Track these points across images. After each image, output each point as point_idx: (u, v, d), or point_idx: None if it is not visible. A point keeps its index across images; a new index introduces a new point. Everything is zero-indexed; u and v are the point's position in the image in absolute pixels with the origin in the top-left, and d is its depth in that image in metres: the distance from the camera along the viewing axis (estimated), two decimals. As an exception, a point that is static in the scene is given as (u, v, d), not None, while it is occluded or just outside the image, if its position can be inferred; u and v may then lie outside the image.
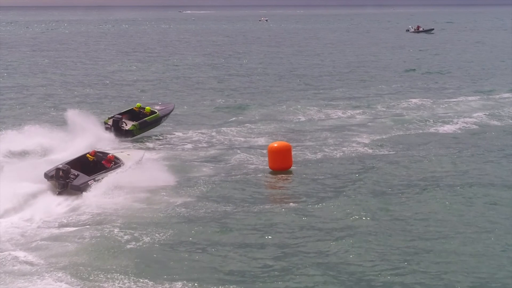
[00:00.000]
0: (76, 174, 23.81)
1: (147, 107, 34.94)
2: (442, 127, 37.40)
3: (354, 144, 33.06)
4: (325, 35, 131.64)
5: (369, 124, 38.48)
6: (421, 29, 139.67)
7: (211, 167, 28.72)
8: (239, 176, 27.60)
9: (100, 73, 62.62)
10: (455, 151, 31.45)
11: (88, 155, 25.39)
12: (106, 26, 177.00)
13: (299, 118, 40.28)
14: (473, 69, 67.20)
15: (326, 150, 31.92)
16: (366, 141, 33.87)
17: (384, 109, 43.26)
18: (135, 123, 33.64)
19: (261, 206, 23.36)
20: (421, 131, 36.64)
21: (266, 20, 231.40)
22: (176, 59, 78.56)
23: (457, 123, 38.51)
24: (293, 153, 28.92)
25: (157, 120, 34.76)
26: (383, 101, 46.50)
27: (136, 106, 35.33)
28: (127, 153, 27.14)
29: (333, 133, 35.88)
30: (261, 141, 33.94)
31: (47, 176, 23.76)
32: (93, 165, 24.99)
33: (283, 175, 27.69)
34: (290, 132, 36.47)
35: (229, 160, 30.00)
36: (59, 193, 23.27)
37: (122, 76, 60.58)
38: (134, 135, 33.51)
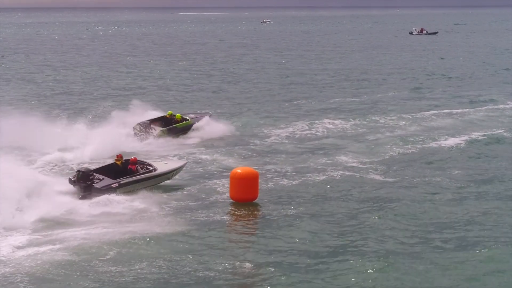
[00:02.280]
0: (101, 178, 23.60)
1: (177, 114, 35.44)
2: (440, 142, 32.83)
3: (339, 168, 28.28)
4: (322, 38, 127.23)
5: (361, 142, 33.62)
6: (425, 31, 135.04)
7: (162, 195, 24.35)
8: (195, 205, 23.37)
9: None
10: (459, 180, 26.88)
11: (116, 159, 25.10)
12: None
13: (278, 134, 35.49)
14: (476, 76, 62.33)
15: (307, 175, 27.17)
16: (355, 163, 29.17)
17: (380, 123, 38.37)
18: (164, 129, 34.09)
19: (212, 255, 18.87)
20: (420, 150, 31.89)
21: (268, 21, 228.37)
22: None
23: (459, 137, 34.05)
24: (262, 180, 24.68)
25: (187, 127, 35.12)
26: (379, 113, 41.48)
27: (167, 113, 35.67)
28: (165, 161, 26.68)
29: (316, 153, 31.12)
30: (228, 162, 29.29)
31: (71, 181, 23.60)
32: (121, 170, 24.64)
33: (246, 208, 23.14)
34: (264, 153, 31.54)
35: (187, 186, 25.42)
36: (82, 197, 22.94)
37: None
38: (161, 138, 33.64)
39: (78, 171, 23.62)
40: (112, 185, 23.45)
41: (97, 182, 23.43)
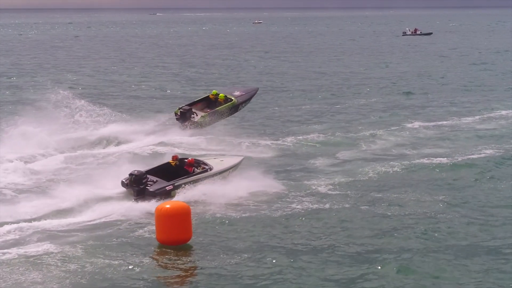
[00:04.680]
0: (154, 180, 22.64)
1: (221, 95, 33.20)
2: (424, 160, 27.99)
3: (303, 195, 23.31)
4: (309, 40, 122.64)
5: (332, 159, 28.68)
6: (418, 32, 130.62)
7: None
8: (116, 245, 18.64)
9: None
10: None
11: (170, 160, 24.02)
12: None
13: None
14: (470, 82, 57.46)
15: (261, 205, 22.19)
16: (324, 188, 24.18)
17: (358, 139, 33.17)
18: (204, 114, 32.11)
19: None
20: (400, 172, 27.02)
21: (260, 22, 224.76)
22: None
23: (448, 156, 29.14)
24: (195, 217, 19.93)
25: (232, 108, 33.04)
26: (357, 126, 36.14)
27: (212, 93, 33.64)
28: (221, 159, 25.28)
29: (279, 174, 26.16)
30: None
31: (123, 183, 22.66)
32: (176, 171, 23.58)
33: (177, 252, 18.37)
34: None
35: (111, 228, 20.52)
36: (135, 200, 22.01)
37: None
38: (203, 127, 31.89)
39: (131, 174, 22.50)
40: (167, 188, 22.40)
41: (151, 185, 22.39)
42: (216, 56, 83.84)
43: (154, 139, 30.83)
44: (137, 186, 22.28)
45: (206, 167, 23.88)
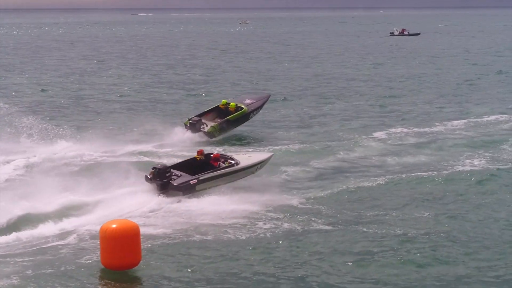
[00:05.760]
0: (178, 175, 22.21)
1: (231, 104, 32.83)
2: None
3: (276, 214, 21.06)
4: (296, 39, 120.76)
5: (310, 173, 26.12)
6: (406, 32, 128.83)
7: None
8: (56, 271, 16.51)
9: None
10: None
11: (196, 155, 23.50)
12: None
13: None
14: (456, 84, 55.58)
15: (226, 227, 19.94)
16: (296, 201, 22.07)
17: (336, 146, 30.95)
18: (215, 124, 31.58)
19: None
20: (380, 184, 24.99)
21: (247, 22, 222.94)
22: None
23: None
24: (146, 238, 17.92)
25: (243, 117, 32.65)
26: (337, 133, 33.84)
27: (221, 103, 33.20)
28: (249, 154, 24.77)
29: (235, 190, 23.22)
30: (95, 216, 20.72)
31: (147, 178, 22.20)
32: (201, 165, 22.99)
33: (123, 278, 16.29)
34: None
35: (50, 252, 18.31)
36: (159, 195, 21.60)
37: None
38: (214, 137, 31.35)
39: (154, 168, 22.10)
40: (191, 182, 21.91)
41: (175, 179, 21.92)
42: (189, 57, 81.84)
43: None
44: (160, 180, 21.77)
45: (233, 161, 23.26)
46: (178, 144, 29.94)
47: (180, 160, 24.18)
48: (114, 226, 16.74)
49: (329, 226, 19.75)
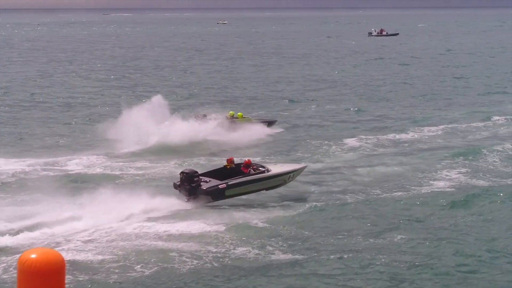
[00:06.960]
0: (207, 180, 21.84)
1: (239, 113, 33.34)
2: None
3: (230, 237, 18.95)
4: (270, 41, 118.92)
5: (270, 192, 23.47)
6: (384, 32, 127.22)
7: None
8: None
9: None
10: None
11: (226, 164, 22.97)
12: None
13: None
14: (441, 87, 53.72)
15: (180, 252, 17.87)
16: (256, 220, 20.01)
17: (302, 156, 29.02)
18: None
19: None
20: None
21: (225, 22, 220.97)
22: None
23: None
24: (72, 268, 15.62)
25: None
26: (305, 139, 31.78)
27: (229, 114, 33.20)
28: (281, 164, 24.29)
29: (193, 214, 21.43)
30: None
31: (175, 185, 21.93)
32: (231, 174, 22.29)
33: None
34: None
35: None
36: (188, 200, 21.34)
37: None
38: None
39: (182, 172, 21.78)
40: (220, 186, 21.51)
41: (203, 184, 21.51)
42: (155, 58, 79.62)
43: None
44: (188, 184, 21.30)
45: (263, 169, 22.64)
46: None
47: (209, 169, 23.41)
48: (33, 256, 14.18)
49: (286, 254, 17.45)
